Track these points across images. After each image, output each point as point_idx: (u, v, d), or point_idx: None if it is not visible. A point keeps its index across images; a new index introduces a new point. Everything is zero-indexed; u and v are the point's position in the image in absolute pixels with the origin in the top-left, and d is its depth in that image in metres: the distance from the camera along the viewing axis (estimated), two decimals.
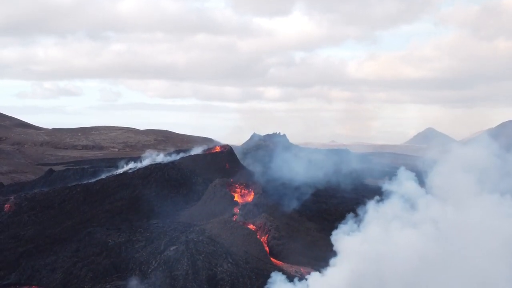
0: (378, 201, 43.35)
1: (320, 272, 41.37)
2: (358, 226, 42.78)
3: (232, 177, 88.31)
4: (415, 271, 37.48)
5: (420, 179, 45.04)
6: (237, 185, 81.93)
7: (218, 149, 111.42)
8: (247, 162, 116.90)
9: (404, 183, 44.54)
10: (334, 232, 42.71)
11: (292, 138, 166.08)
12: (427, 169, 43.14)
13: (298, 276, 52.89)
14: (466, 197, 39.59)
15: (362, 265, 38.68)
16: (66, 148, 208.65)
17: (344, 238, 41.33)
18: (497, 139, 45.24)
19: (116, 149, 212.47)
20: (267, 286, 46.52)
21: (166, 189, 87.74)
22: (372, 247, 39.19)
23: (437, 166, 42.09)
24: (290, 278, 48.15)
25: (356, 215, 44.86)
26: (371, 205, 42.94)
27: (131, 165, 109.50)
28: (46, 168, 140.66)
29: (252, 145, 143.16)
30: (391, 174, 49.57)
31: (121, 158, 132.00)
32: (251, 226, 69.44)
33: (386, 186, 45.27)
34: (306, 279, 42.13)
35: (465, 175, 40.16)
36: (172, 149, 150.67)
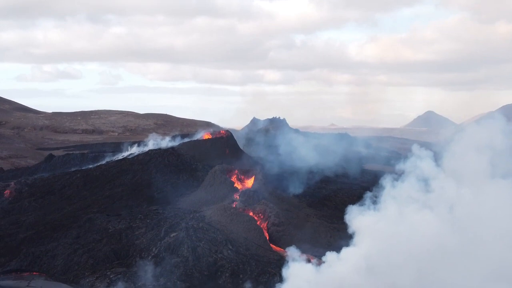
0: (394, 180, 42.51)
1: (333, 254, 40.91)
2: (374, 207, 42.08)
3: (232, 163, 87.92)
4: (430, 257, 37.29)
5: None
6: (237, 171, 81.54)
7: (223, 133, 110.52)
8: (247, 147, 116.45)
9: (420, 162, 43.26)
10: (349, 211, 42.07)
11: (292, 122, 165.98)
12: (441, 151, 42.33)
13: None
14: (480, 180, 39.10)
15: (377, 246, 38.31)
16: (66, 132, 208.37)
17: (358, 218, 40.87)
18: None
19: (116, 133, 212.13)
20: (285, 263, 45.80)
21: (166, 175, 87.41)
22: (387, 228, 38.80)
23: (450, 147, 41.32)
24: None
25: (355, 202, 44.30)
26: (387, 184, 42.10)
27: (135, 149, 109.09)
28: (46, 152, 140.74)
29: (253, 130, 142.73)
30: (393, 159, 48.88)
31: (121, 143, 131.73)
32: (251, 213, 69.37)
33: (401, 165, 44.13)
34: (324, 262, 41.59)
35: (479, 156, 39.55)
36: (172, 133, 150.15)
